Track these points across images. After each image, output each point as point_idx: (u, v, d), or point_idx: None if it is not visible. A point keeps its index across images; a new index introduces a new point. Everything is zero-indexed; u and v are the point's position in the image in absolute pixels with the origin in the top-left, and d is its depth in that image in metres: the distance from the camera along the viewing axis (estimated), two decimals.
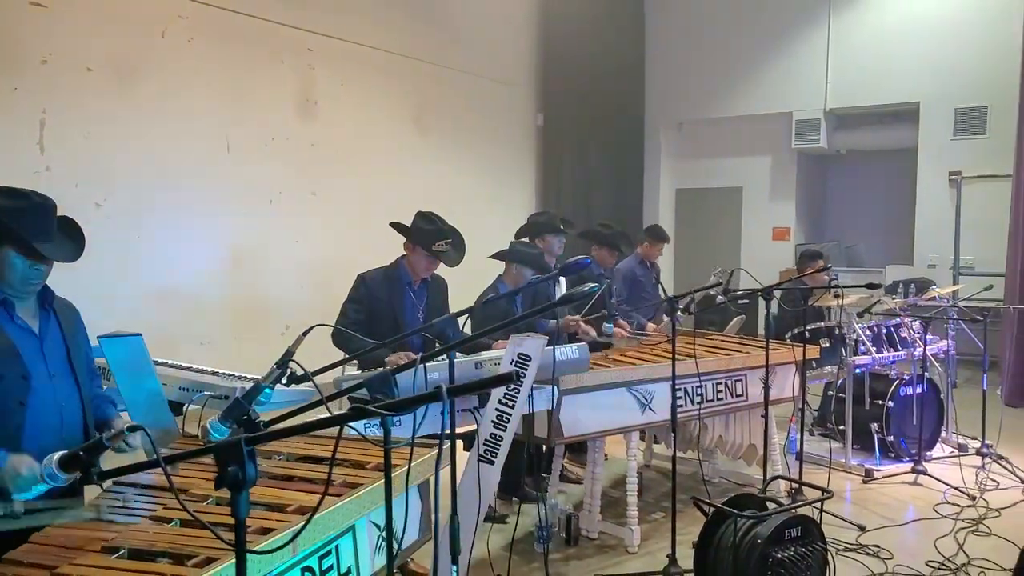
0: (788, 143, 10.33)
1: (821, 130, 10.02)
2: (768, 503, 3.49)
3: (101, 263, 5.27)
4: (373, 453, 2.64)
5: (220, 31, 6.58)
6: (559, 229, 5.24)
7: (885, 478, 5.23)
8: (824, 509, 4.12)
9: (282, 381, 2.33)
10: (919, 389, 5.51)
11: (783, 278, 8.31)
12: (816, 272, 5.54)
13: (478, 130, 9.16)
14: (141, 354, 2.71)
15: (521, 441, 4.05)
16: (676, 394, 3.78)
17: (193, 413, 2.83)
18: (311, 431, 1.52)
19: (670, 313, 3.91)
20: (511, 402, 3.30)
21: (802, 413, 4.99)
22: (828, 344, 5.58)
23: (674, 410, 3.76)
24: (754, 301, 7.83)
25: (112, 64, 5.92)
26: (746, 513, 3.26)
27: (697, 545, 3.39)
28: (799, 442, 4.82)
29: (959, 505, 4.71)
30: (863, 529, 4.36)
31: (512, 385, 3.29)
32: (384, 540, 2.40)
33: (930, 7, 9.25)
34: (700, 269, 9.55)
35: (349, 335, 3.37)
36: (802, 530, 3.27)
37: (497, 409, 3.32)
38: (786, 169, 10.76)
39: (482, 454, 3.28)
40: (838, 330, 5.62)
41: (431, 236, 3.82)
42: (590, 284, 2.49)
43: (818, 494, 3.75)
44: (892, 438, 5.48)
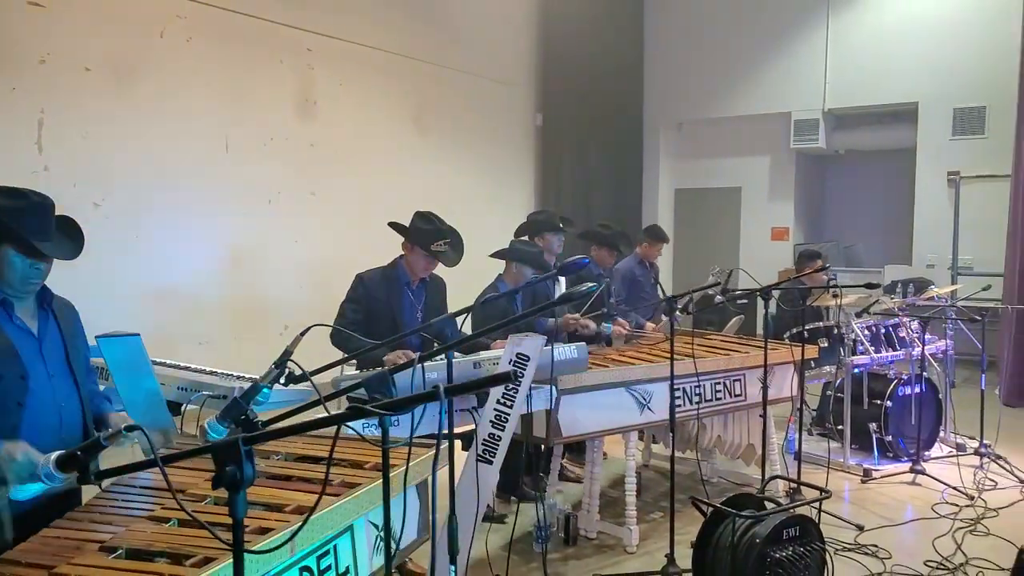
0: (787, 143, 10.34)
1: (820, 130, 10.03)
2: (766, 503, 3.49)
3: (99, 263, 5.26)
4: (371, 453, 2.64)
5: (219, 31, 6.58)
6: (558, 227, 5.23)
7: (883, 478, 5.24)
8: (822, 509, 4.12)
9: (280, 381, 2.33)
10: (917, 389, 5.52)
11: (782, 278, 8.32)
12: (814, 272, 5.55)
13: (477, 130, 9.16)
14: (139, 354, 2.71)
15: (519, 441, 4.06)
16: (675, 394, 3.78)
17: (192, 413, 2.83)
18: (309, 431, 1.52)
19: (669, 313, 3.91)
20: (509, 402, 3.31)
21: (800, 413, 5.00)
22: (827, 344, 5.58)
23: (672, 410, 3.76)
24: (753, 301, 7.83)
25: (110, 64, 5.92)
26: (744, 513, 3.26)
27: (695, 545, 3.39)
28: (797, 442, 4.83)
29: (957, 505, 4.71)
30: (861, 529, 4.36)
31: (510, 385, 3.30)
32: (382, 540, 2.40)
33: (929, 7, 9.26)
34: (699, 269, 9.55)
35: (348, 335, 3.38)
36: (800, 530, 3.27)
37: (495, 409, 3.32)
38: (785, 169, 10.77)
39: (480, 454, 3.28)
40: (836, 330, 5.63)
41: (429, 236, 3.82)
42: (588, 284, 2.49)
43: (816, 494, 3.75)
44: (890, 438, 5.48)
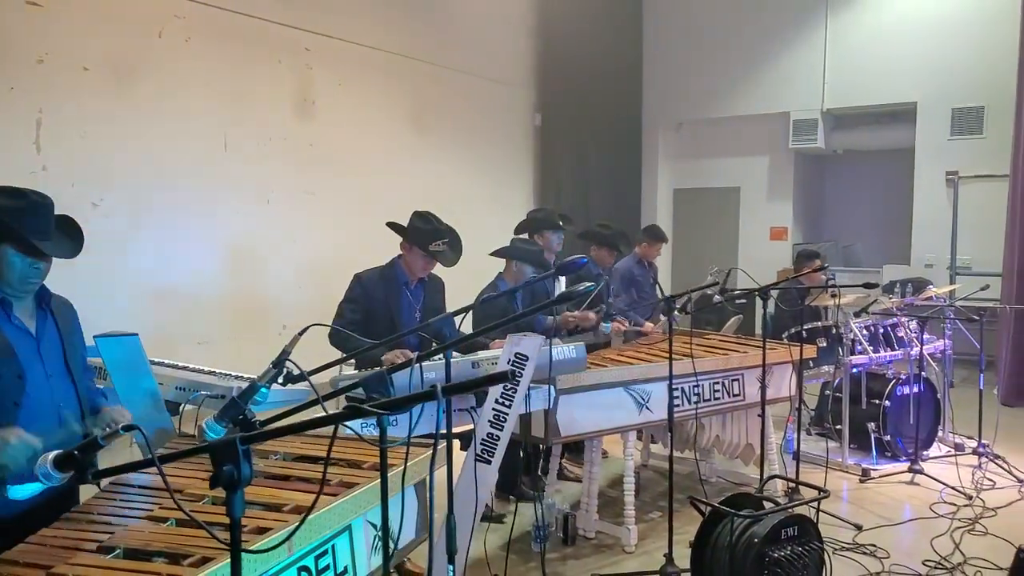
0: (785, 143, 10.35)
1: (818, 130, 10.03)
2: (765, 502, 3.49)
3: (98, 263, 5.26)
4: (370, 452, 2.64)
5: (217, 31, 6.57)
6: (558, 226, 5.24)
7: (882, 477, 5.24)
8: (821, 508, 4.13)
9: (278, 381, 2.33)
10: (916, 389, 5.52)
11: (780, 278, 8.32)
12: (813, 272, 5.55)
13: (476, 130, 9.16)
14: (137, 354, 2.72)
15: (518, 441, 4.06)
16: (673, 394, 3.78)
17: (190, 413, 2.83)
18: (306, 430, 1.52)
19: (667, 313, 3.91)
20: (508, 402, 3.31)
21: (799, 413, 5.00)
22: (825, 344, 5.58)
23: (671, 410, 3.76)
24: (751, 301, 7.83)
25: (109, 64, 5.92)
26: (743, 512, 3.26)
27: (694, 544, 3.39)
28: (796, 441, 4.83)
29: (956, 504, 4.71)
30: (860, 528, 4.36)
31: (509, 385, 3.30)
32: (380, 540, 2.40)
33: (927, 7, 9.27)
34: (698, 269, 9.57)
35: (346, 335, 3.37)
36: (799, 529, 3.27)
37: (494, 409, 3.32)
38: (783, 169, 10.77)
39: (479, 454, 3.28)
40: (835, 330, 5.63)
41: (428, 236, 3.81)
42: (586, 283, 2.50)
43: (815, 493, 3.75)
44: (889, 438, 5.48)
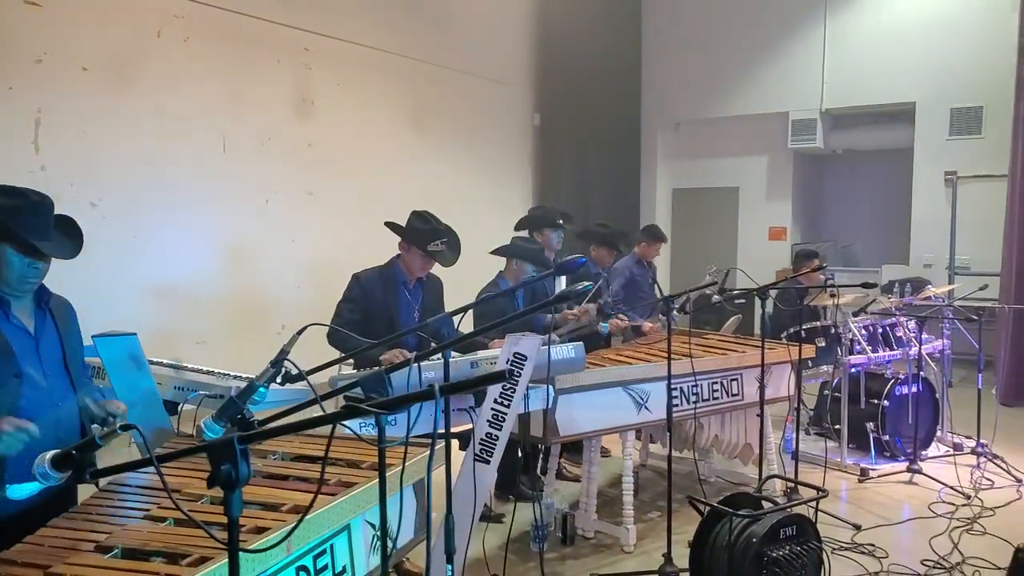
0: (784, 143, 10.35)
1: (817, 130, 10.03)
2: (763, 502, 3.49)
3: (96, 263, 5.26)
4: (368, 452, 2.64)
5: (216, 30, 6.57)
6: (557, 224, 5.25)
7: (880, 477, 5.24)
8: (819, 508, 4.12)
9: (277, 380, 2.33)
10: (914, 388, 5.52)
11: (779, 278, 8.32)
12: (811, 272, 5.55)
13: (475, 130, 9.16)
14: (136, 353, 2.72)
15: (516, 440, 4.06)
16: (672, 393, 3.78)
17: (188, 412, 2.83)
18: (304, 429, 1.52)
19: (666, 312, 3.91)
20: (507, 401, 3.30)
21: (798, 412, 5.00)
22: (824, 343, 5.59)
23: (670, 409, 3.76)
24: (750, 301, 7.83)
25: (108, 63, 5.91)
26: (741, 512, 3.26)
27: (692, 544, 3.40)
28: (795, 441, 4.84)
29: (954, 504, 4.72)
30: (858, 528, 4.36)
31: (508, 384, 3.29)
32: (379, 539, 2.40)
33: (926, 7, 9.27)
34: (696, 269, 9.56)
35: (345, 334, 3.37)
36: (797, 529, 3.27)
37: (493, 408, 3.32)
38: (782, 169, 10.78)
39: (478, 453, 3.28)
40: (834, 329, 5.63)
41: (426, 236, 3.81)
42: (584, 282, 2.50)
43: (813, 493, 3.75)
44: (887, 437, 5.49)
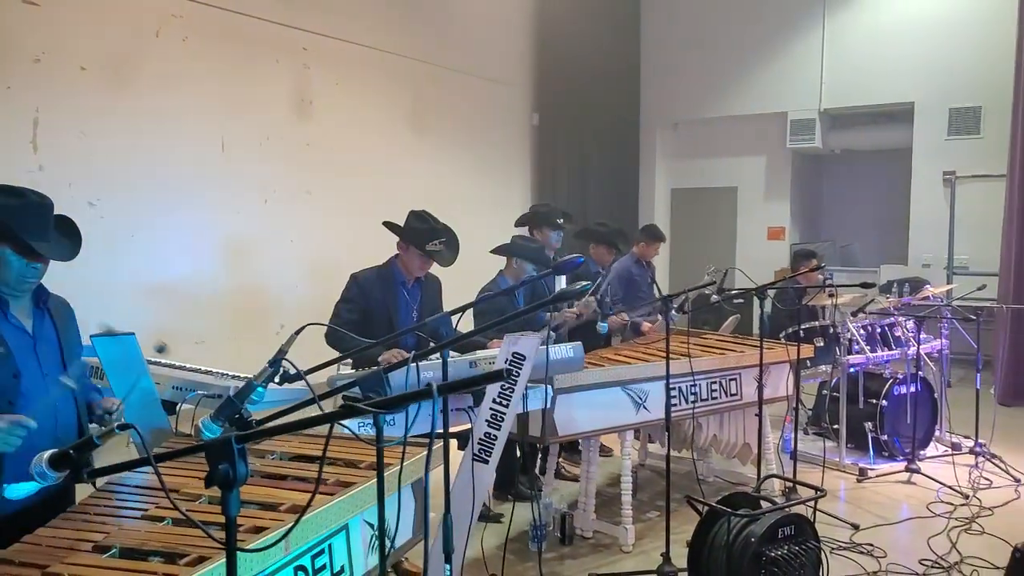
0: (783, 143, 10.35)
1: (816, 130, 10.04)
2: (762, 502, 3.49)
3: (95, 262, 5.24)
4: (367, 452, 2.64)
5: (215, 30, 6.57)
6: (557, 225, 5.26)
7: (879, 477, 5.24)
8: (818, 508, 4.12)
9: (275, 380, 2.32)
10: (913, 388, 5.52)
11: (778, 277, 8.33)
12: (810, 272, 5.55)
13: (474, 130, 9.16)
14: (134, 353, 2.71)
15: (515, 440, 4.06)
16: (670, 393, 3.78)
17: (187, 412, 2.83)
18: (302, 429, 1.52)
19: (664, 312, 3.91)
20: (505, 401, 3.30)
21: (796, 412, 5.00)
22: (822, 343, 5.59)
23: (668, 409, 3.76)
24: (749, 300, 7.82)
25: (106, 63, 5.91)
26: (740, 512, 3.26)
27: (691, 544, 3.39)
28: (793, 441, 4.84)
29: (952, 504, 4.72)
30: (857, 528, 4.37)
31: (506, 384, 3.29)
32: (377, 539, 2.39)
33: (925, 7, 9.28)
34: (695, 269, 9.54)
35: (342, 334, 3.36)
36: (796, 529, 3.27)
37: (491, 408, 3.32)
38: (781, 169, 10.78)
39: (476, 453, 3.28)
40: (832, 329, 5.63)
41: (424, 235, 3.81)
42: (582, 282, 2.50)
43: (812, 493, 3.75)
44: (886, 437, 5.49)
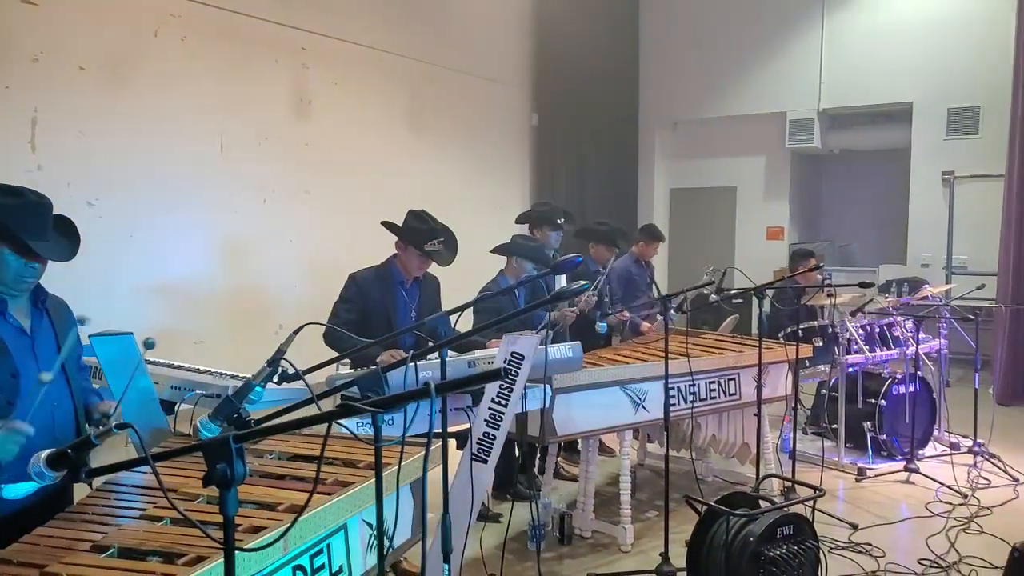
0: (782, 143, 10.35)
1: (815, 130, 10.04)
2: (761, 501, 3.49)
3: (93, 262, 5.23)
4: (365, 452, 2.64)
5: (213, 30, 6.56)
6: (557, 225, 5.27)
7: (878, 476, 5.25)
8: (817, 507, 4.11)
9: (273, 380, 2.32)
10: (912, 388, 5.53)
11: (776, 277, 8.33)
12: (808, 271, 5.55)
13: (472, 130, 9.15)
14: (132, 353, 2.71)
15: (514, 439, 4.06)
16: (669, 393, 3.78)
17: (185, 412, 2.83)
18: (299, 428, 1.52)
19: (663, 312, 3.91)
20: (504, 401, 3.30)
21: (795, 412, 5.00)
22: (821, 343, 5.59)
23: (667, 409, 3.77)
24: (748, 300, 7.84)
25: (105, 63, 5.90)
26: (738, 511, 3.27)
27: (690, 543, 3.39)
28: (792, 441, 4.84)
29: (951, 503, 4.73)
30: (855, 527, 4.37)
31: (505, 384, 3.29)
32: (376, 539, 2.39)
33: (923, 7, 9.28)
34: (694, 268, 9.55)
35: (341, 334, 3.36)
36: (794, 528, 3.28)
37: (490, 408, 3.31)
38: (780, 169, 10.78)
39: (475, 453, 3.28)
40: (831, 329, 5.64)
41: (423, 235, 3.81)
42: (581, 281, 2.50)
43: (810, 492, 3.75)
44: (885, 437, 5.49)
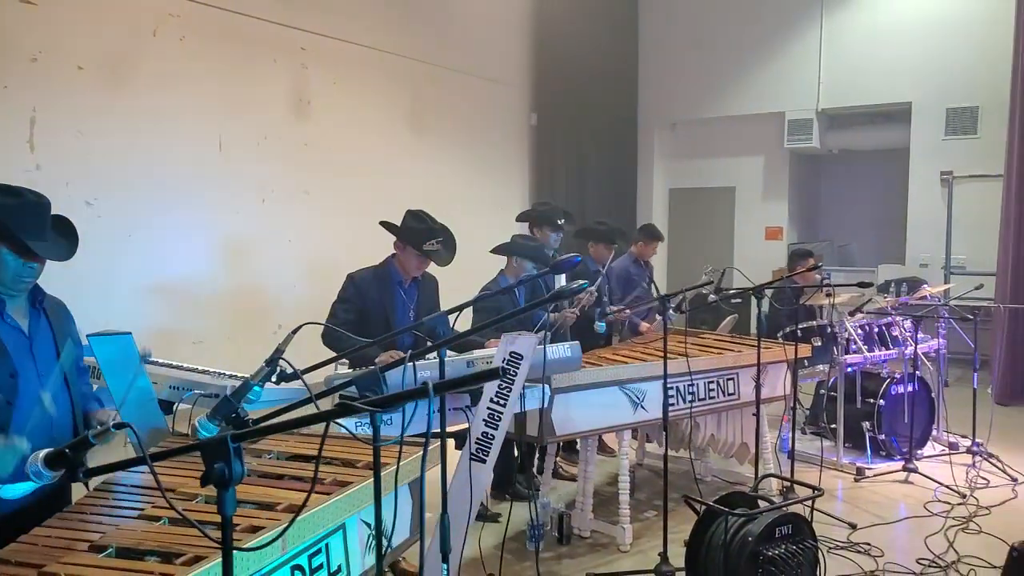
0: (781, 143, 10.36)
1: (813, 130, 10.04)
2: (759, 501, 3.49)
3: (92, 262, 5.23)
4: (364, 451, 2.64)
5: (212, 30, 6.56)
6: (557, 226, 5.27)
7: (876, 476, 5.25)
8: (815, 507, 4.12)
9: (272, 379, 2.32)
10: (910, 388, 5.53)
11: (775, 277, 8.33)
12: (806, 271, 5.55)
13: (472, 130, 9.15)
14: (131, 352, 2.71)
15: (513, 439, 4.06)
16: (668, 392, 3.78)
17: (184, 412, 2.82)
18: (297, 427, 1.52)
19: (662, 312, 3.91)
20: (503, 401, 3.30)
21: (794, 412, 5.00)
22: (820, 343, 5.59)
23: (666, 409, 3.77)
24: (747, 300, 7.83)
25: (103, 62, 5.90)
26: (737, 511, 3.27)
27: (688, 543, 3.39)
28: (791, 440, 4.84)
29: (950, 503, 4.73)
30: (854, 527, 4.37)
31: (504, 383, 3.29)
32: (374, 538, 2.39)
33: (922, 8, 9.28)
34: (693, 268, 9.57)
35: (339, 335, 3.36)
36: (793, 528, 3.28)
37: (489, 408, 3.31)
38: (779, 169, 10.78)
39: (474, 452, 3.28)
40: (830, 329, 5.64)
41: (421, 235, 3.81)
42: (579, 281, 2.51)
43: (809, 492, 3.75)
44: (883, 436, 5.50)
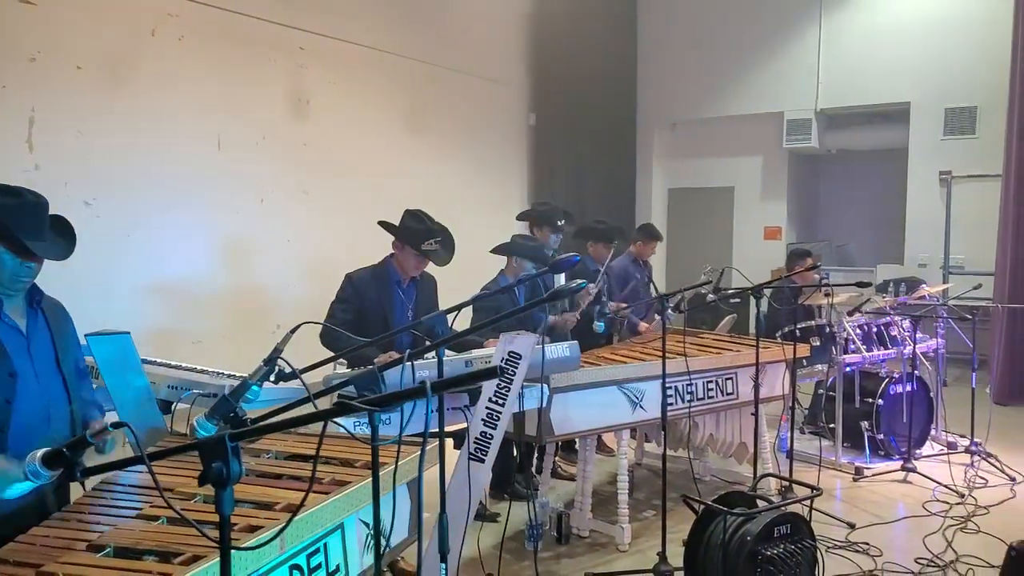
0: (779, 143, 10.36)
1: (812, 130, 10.04)
2: (758, 501, 3.49)
3: (91, 262, 5.24)
4: (363, 451, 2.64)
5: (211, 29, 6.55)
6: (557, 227, 5.27)
7: (875, 476, 5.25)
8: (814, 507, 4.12)
9: (270, 379, 2.32)
10: (909, 387, 5.53)
11: (774, 277, 8.33)
12: (806, 271, 5.55)
13: (471, 129, 9.15)
14: (129, 352, 2.71)
15: (511, 439, 4.05)
16: (666, 392, 3.79)
17: (182, 411, 2.82)
18: (295, 427, 1.52)
19: (661, 312, 3.92)
20: (501, 400, 3.30)
21: (792, 411, 5.01)
22: (818, 342, 5.60)
23: (664, 408, 3.77)
24: (745, 300, 7.84)
25: (102, 62, 5.89)
26: (736, 511, 3.27)
27: (687, 543, 3.40)
28: (789, 440, 4.84)
29: (948, 503, 4.73)
30: (853, 527, 4.38)
31: (502, 383, 3.29)
32: (373, 538, 2.39)
33: (921, 8, 9.29)
34: (692, 268, 9.56)
35: (337, 334, 3.36)
36: (792, 528, 3.28)
37: (487, 407, 3.31)
38: (777, 169, 10.79)
39: (473, 452, 3.28)
40: (828, 328, 5.64)
41: (420, 235, 3.81)
42: (578, 280, 2.51)
43: (808, 492, 3.76)
44: (882, 436, 5.50)
